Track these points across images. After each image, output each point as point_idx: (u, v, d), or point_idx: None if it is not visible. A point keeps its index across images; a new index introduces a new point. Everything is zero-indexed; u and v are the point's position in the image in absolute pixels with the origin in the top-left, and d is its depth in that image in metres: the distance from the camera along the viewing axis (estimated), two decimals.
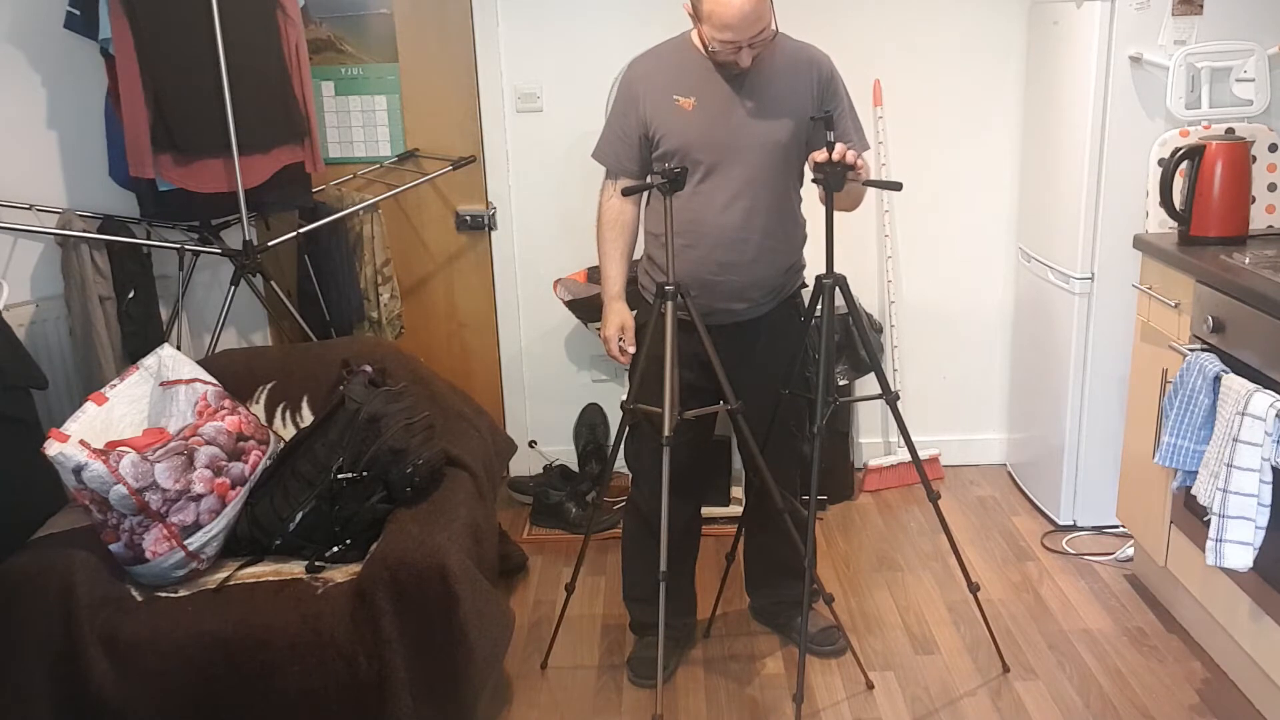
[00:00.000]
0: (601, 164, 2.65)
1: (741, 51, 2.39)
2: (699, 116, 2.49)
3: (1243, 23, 2.98)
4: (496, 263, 3.83)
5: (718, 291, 2.57)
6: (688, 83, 2.50)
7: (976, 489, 3.83)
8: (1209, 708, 2.59)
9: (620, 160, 2.59)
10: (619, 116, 2.59)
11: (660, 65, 2.56)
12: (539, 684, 2.80)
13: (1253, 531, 2.31)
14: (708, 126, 2.49)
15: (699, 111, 2.49)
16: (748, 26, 2.33)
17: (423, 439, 2.57)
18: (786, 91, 2.51)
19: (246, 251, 3.27)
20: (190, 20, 3.00)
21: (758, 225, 2.54)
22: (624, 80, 2.60)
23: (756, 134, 2.49)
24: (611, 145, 2.62)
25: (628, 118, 2.56)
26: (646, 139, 2.55)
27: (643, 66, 2.58)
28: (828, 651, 2.85)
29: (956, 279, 3.85)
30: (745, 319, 2.63)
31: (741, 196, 2.52)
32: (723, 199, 2.51)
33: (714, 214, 2.52)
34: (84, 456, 2.30)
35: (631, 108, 2.55)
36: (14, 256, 3.16)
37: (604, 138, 2.64)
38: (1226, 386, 2.40)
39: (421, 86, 3.71)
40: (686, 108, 2.49)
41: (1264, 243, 2.81)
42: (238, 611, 2.30)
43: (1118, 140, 3.09)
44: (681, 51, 2.54)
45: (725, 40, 2.36)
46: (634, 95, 2.55)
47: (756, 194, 2.52)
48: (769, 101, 2.49)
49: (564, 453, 3.90)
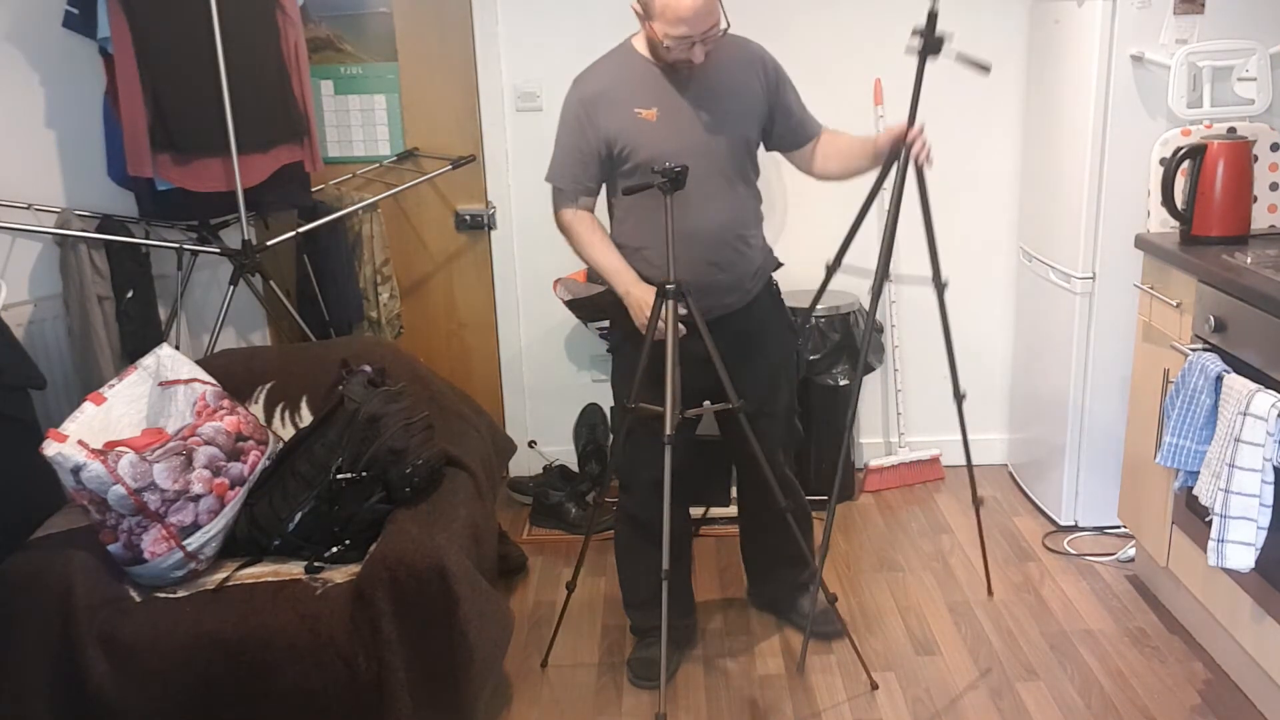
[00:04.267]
0: (558, 186, 2.60)
1: (695, 48, 2.40)
2: (664, 125, 2.49)
3: (1244, 21, 2.98)
4: (496, 262, 3.82)
5: (714, 289, 2.58)
6: (645, 94, 2.50)
7: (977, 489, 3.82)
8: (1210, 708, 2.59)
9: (580, 181, 2.56)
10: (574, 136, 2.54)
11: (612, 81, 2.54)
12: (539, 684, 2.79)
13: (1254, 532, 2.31)
14: (674, 133, 2.50)
15: (663, 121, 2.49)
16: (700, 21, 2.35)
17: (422, 439, 2.57)
18: (738, 87, 2.56)
19: (245, 251, 3.26)
20: (189, 19, 2.99)
21: (736, 218, 2.59)
22: (574, 101, 2.55)
23: (720, 132, 2.53)
24: (568, 168, 2.57)
25: (585, 137, 2.52)
26: (610, 157, 2.53)
27: (593, 85, 2.54)
28: (828, 632, 2.89)
29: (957, 278, 3.83)
30: (738, 307, 2.66)
31: (717, 194, 2.55)
32: (700, 200, 2.52)
33: (697, 216, 2.52)
34: (82, 457, 2.29)
35: (589, 127, 2.51)
36: (12, 256, 3.16)
37: (557, 160, 2.59)
38: (1228, 386, 2.40)
39: (421, 86, 3.70)
40: (650, 119, 2.49)
41: (1266, 242, 2.80)
42: (237, 612, 2.30)
43: (1119, 139, 3.08)
44: (628, 64, 2.54)
45: (678, 36, 2.37)
46: (589, 114, 2.51)
47: (729, 188, 2.57)
48: (724, 99, 2.53)
49: (564, 453, 3.89)
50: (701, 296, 2.51)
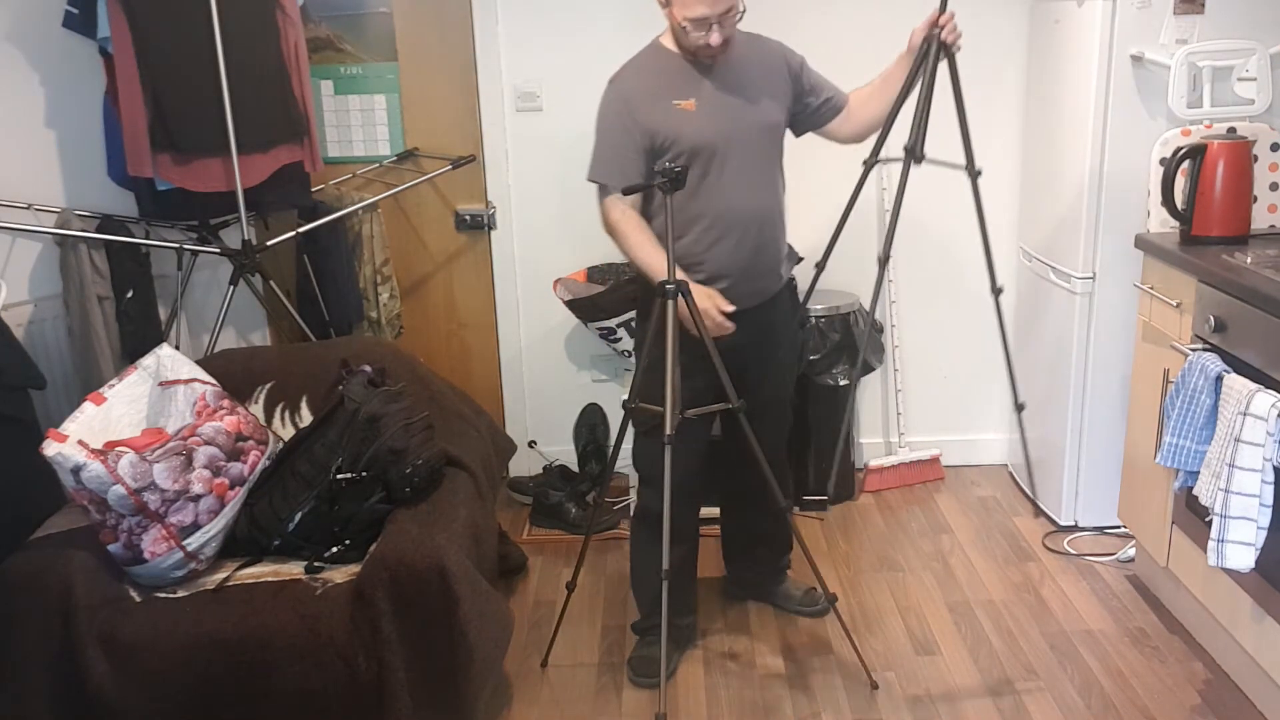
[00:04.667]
0: (604, 183, 2.60)
1: (713, 31, 2.46)
2: (702, 114, 2.55)
3: (1244, 21, 2.98)
4: (496, 262, 3.82)
5: (758, 271, 2.66)
6: (681, 86, 2.56)
7: (977, 489, 3.82)
8: (1210, 708, 2.59)
9: (628, 175, 2.57)
10: (618, 134, 2.57)
11: (648, 77, 2.59)
12: (539, 684, 2.79)
13: (1254, 532, 2.31)
14: (713, 121, 2.56)
15: (701, 110, 2.55)
16: (717, 1, 2.41)
17: (422, 439, 2.57)
18: (763, 77, 2.64)
19: (245, 251, 3.26)
20: (189, 19, 2.99)
21: (775, 200, 2.69)
22: (614, 99, 2.59)
23: (755, 119, 2.61)
24: (614, 164, 2.59)
25: (629, 133, 2.56)
26: (652, 149, 2.56)
27: (630, 82, 2.59)
28: (812, 612, 3.02)
29: (957, 278, 3.84)
30: (770, 294, 2.72)
31: (759, 177, 2.63)
32: (745, 185, 2.60)
33: (743, 200, 2.60)
34: (82, 457, 2.29)
35: (631, 123, 2.55)
36: (12, 256, 3.15)
37: (601, 158, 2.61)
38: (1228, 386, 2.40)
39: (421, 85, 3.70)
40: (689, 109, 2.55)
41: (1266, 242, 2.80)
42: (236, 612, 2.30)
43: (1119, 139, 3.08)
44: (661, 59, 2.60)
45: (696, 17, 2.43)
46: (630, 110, 2.55)
47: (766, 173, 2.66)
48: (754, 88, 2.62)
49: (564, 453, 3.89)
50: (745, 280, 2.56)
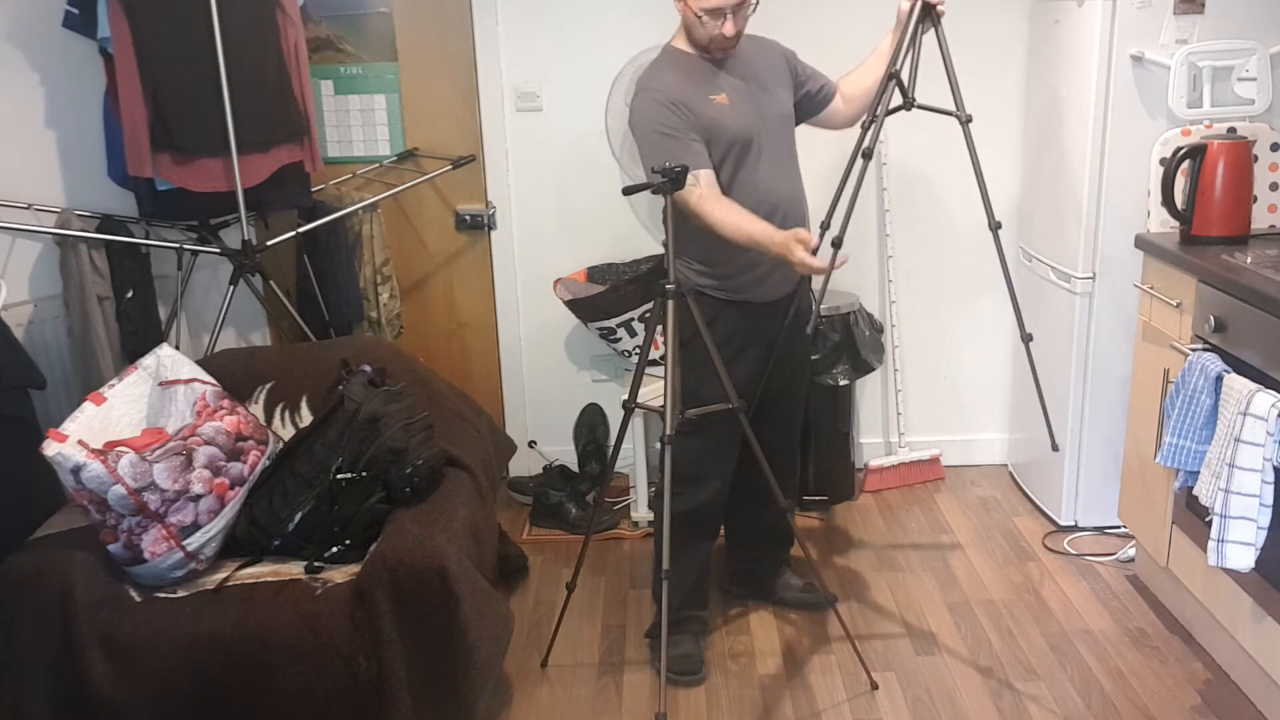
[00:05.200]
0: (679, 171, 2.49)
1: (726, 21, 2.51)
2: (734, 107, 2.62)
3: (1244, 21, 2.97)
4: (496, 262, 3.82)
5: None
6: (709, 83, 2.62)
7: (977, 489, 3.82)
8: (1211, 708, 2.59)
9: (701, 158, 2.55)
10: (674, 121, 2.54)
11: (679, 76, 2.62)
12: (539, 684, 2.79)
13: (1254, 532, 2.30)
14: (745, 112, 2.63)
15: (733, 103, 2.62)
16: None
17: (422, 439, 2.57)
18: (770, 70, 2.73)
19: (245, 251, 3.26)
20: (189, 19, 2.99)
21: (799, 186, 2.77)
22: (660, 99, 2.55)
23: (775, 109, 2.70)
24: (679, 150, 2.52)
25: (688, 121, 2.55)
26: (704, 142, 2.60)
27: (667, 82, 2.60)
28: (813, 601, 3.04)
29: (957, 278, 3.84)
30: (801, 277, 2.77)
31: (787, 163, 2.73)
32: (778, 171, 2.69)
33: (777, 185, 2.67)
34: (82, 457, 2.29)
35: (681, 112, 2.55)
36: (12, 256, 3.15)
37: (662, 151, 2.52)
38: (1228, 386, 2.40)
39: (421, 85, 3.70)
40: (723, 102, 2.61)
41: (1266, 242, 2.80)
42: (236, 612, 2.30)
43: (1119, 139, 3.08)
44: (682, 61, 2.65)
45: (711, 8, 2.49)
46: (683, 105, 2.55)
47: (791, 160, 2.76)
48: (767, 81, 2.70)
49: (564, 453, 3.89)
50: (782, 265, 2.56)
